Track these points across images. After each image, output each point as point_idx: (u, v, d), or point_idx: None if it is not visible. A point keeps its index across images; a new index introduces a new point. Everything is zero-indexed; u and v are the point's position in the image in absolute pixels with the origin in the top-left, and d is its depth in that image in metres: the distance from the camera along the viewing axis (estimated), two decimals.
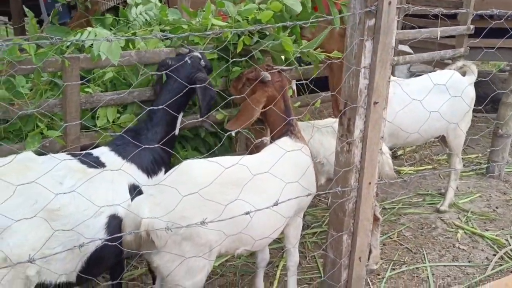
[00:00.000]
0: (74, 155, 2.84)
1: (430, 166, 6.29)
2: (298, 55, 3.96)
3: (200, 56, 3.46)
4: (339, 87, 2.85)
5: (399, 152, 6.43)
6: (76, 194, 2.52)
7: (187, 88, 2.92)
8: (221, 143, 3.55)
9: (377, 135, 2.83)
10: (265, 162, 2.98)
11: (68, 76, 3.13)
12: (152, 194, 2.72)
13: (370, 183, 2.92)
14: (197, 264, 2.76)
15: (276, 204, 2.67)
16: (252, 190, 2.84)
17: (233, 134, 2.49)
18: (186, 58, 3.42)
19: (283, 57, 3.88)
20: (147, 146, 2.83)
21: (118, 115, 3.51)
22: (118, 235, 2.61)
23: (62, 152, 3.04)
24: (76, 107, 3.21)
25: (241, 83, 3.57)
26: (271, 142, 3.29)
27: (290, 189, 2.88)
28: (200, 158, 2.90)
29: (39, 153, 2.80)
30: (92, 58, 3.14)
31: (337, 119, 2.96)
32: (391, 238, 4.61)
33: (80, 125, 3.28)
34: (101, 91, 3.49)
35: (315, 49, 3.87)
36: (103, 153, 2.95)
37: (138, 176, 2.98)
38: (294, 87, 6.95)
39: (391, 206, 5.21)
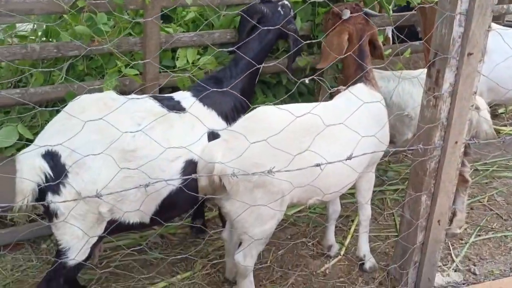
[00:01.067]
0: (155, 98, 2.81)
1: None
2: None
3: (289, 5, 3.36)
4: (430, 34, 2.59)
5: (501, 110, 5.91)
6: (153, 137, 2.52)
7: (276, 39, 2.87)
8: (292, 90, 3.41)
9: (469, 90, 2.55)
10: (340, 109, 2.83)
11: (148, 15, 3.11)
12: (226, 139, 2.67)
13: (456, 142, 2.67)
14: (267, 212, 2.71)
15: (349, 158, 2.52)
16: (326, 139, 2.70)
17: (306, 81, 2.34)
18: (279, 8, 3.33)
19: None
20: (227, 89, 2.76)
21: (198, 56, 3.46)
22: (187, 177, 2.55)
23: (140, 92, 3.06)
24: (155, 46, 3.19)
25: (328, 17, 3.47)
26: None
27: (364, 141, 2.71)
28: (272, 104, 2.78)
29: (122, 93, 2.81)
30: None
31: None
32: (481, 202, 4.29)
33: (158, 65, 3.27)
34: (183, 31, 3.45)
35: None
36: (185, 97, 2.92)
37: (218, 123, 2.94)
38: (390, 34, 6.57)
39: (485, 168, 4.83)
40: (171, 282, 3.24)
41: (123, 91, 3.22)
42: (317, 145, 2.65)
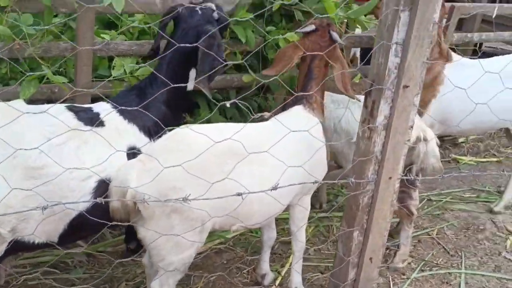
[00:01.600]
0: (72, 109, 2.60)
1: (494, 159, 5.66)
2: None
3: (213, 7, 3.03)
4: None
5: (461, 139, 5.82)
6: (64, 153, 2.36)
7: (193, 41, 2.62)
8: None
9: (404, 124, 2.41)
10: (270, 133, 2.67)
11: (80, 19, 2.92)
12: (142, 160, 2.47)
13: (390, 178, 2.52)
14: (186, 240, 2.52)
15: (274, 188, 2.35)
16: (253, 162, 2.53)
17: (227, 105, 2.17)
18: (197, 8, 3.00)
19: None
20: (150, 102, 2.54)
21: (137, 66, 3.27)
22: (95, 200, 2.30)
23: (71, 101, 2.86)
24: (88, 52, 3.00)
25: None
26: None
27: (293, 171, 2.54)
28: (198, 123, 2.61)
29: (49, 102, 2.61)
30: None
31: None
32: (429, 235, 4.15)
33: (91, 73, 3.07)
34: (125, 40, 3.26)
35: (366, 15, 3.43)
36: (104, 110, 2.70)
37: (139, 139, 2.74)
38: (358, 54, 6.47)
39: (438, 198, 4.71)
40: None
41: (50, 100, 3.03)
42: (242, 169, 2.49)
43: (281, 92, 3.77)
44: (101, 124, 2.61)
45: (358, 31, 4.16)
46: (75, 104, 2.78)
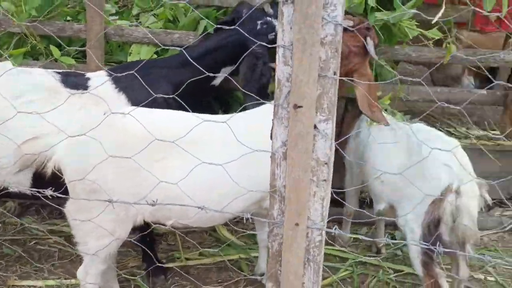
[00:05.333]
0: (60, 73, 2.72)
1: None
2: None
3: (274, 27, 2.86)
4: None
5: None
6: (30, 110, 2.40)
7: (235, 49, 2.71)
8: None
9: (304, 156, 1.80)
10: (220, 128, 2.27)
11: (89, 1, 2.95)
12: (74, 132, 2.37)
13: (297, 225, 1.92)
14: (106, 225, 2.38)
15: (153, 204, 2.02)
16: (186, 159, 2.20)
17: None
18: (259, 22, 2.91)
19: None
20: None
21: (156, 56, 3.17)
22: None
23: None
24: (96, 34, 3.02)
25: None
26: None
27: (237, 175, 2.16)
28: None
29: None
30: None
31: None
32: None
33: (101, 57, 3.10)
34: (146, 27, 3.20)
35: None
36: (98, 76, 2.77)
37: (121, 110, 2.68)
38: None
39: None
40: None
41: None
42: (175, 162, 2.35)
43: None
44: (83, 88, 2.66)
45: None
46: (74, 71, 2.88)
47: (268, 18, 2.93)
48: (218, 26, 2.49)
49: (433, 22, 2.52)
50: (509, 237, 3.99)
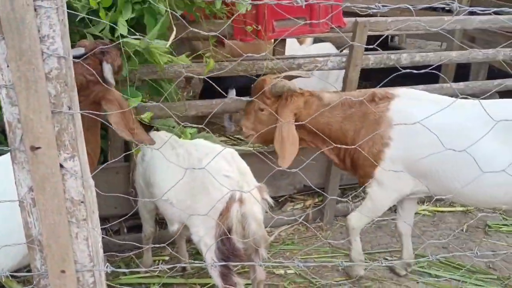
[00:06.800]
0: None
1: None
2: None
3: None
4: None
5: None
6: None
7: None
8: None
9: (55, 200, 1.66)
10: None
11: None
12: None
13: (64, 272, 1.78)
14: None
15: None
16: None
17: None
18: None
19: None
20: None
21: None
22: None
23: None
24: None
25: None
26: None
27: None
28: None
29: None
30: None
31: None
32: None
33: None
34: None
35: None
36: None
37: None
38: None
39: None
40: None
41: None
42: None
43: None
44: None
45: None
46: None
47: None
48: None
49: (167, 46, 2.55)
50: (303, 228, 4.29)
